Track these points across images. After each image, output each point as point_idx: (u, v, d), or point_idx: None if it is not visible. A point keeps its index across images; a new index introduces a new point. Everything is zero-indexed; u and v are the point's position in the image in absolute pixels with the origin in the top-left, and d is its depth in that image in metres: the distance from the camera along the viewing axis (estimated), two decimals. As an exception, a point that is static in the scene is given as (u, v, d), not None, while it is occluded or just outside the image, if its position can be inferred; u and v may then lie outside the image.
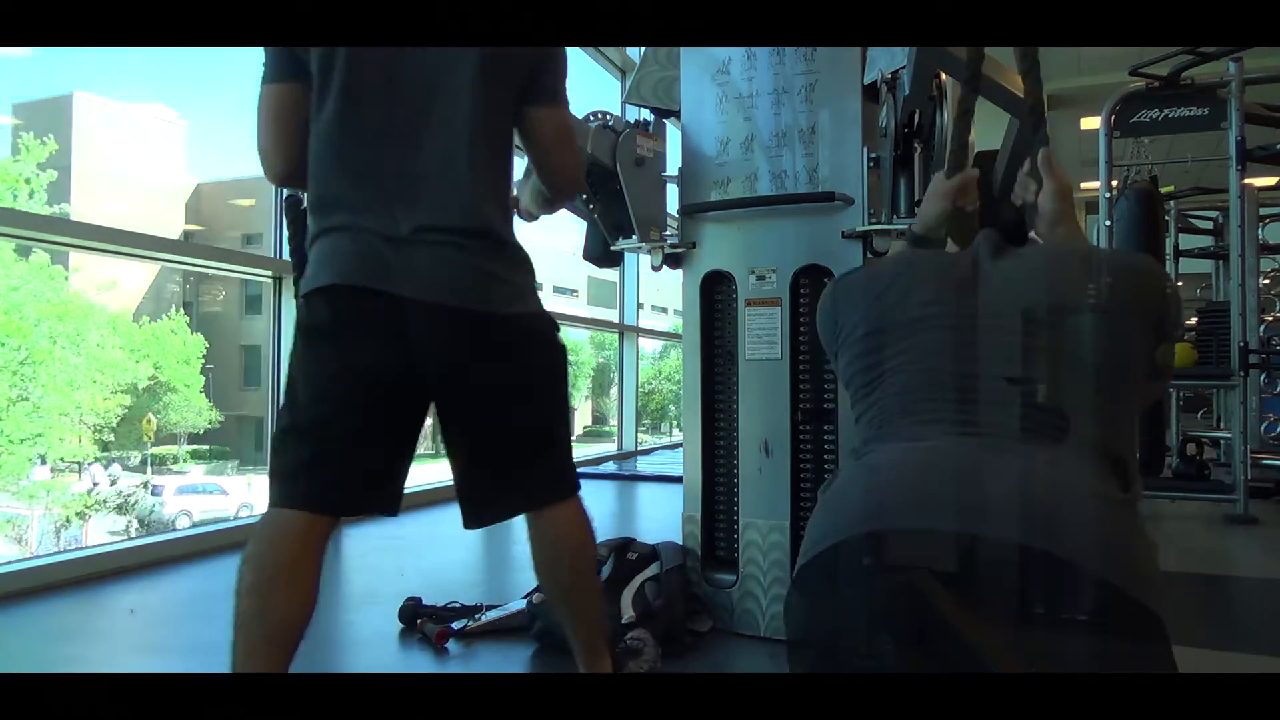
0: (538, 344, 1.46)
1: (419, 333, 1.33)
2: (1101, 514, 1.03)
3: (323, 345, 1.36)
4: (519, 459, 1.45)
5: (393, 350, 1.34)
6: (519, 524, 1.73)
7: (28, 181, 18.23)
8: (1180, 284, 6.13)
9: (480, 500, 1.48)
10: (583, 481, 1.69)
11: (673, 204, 2.31)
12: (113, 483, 19.02)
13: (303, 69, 1.35)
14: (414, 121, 1.35)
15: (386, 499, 1.41)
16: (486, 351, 1.37)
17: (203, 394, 22.55)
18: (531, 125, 1.46)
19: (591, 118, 2.20)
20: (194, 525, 3.46)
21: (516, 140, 1.49)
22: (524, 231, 1.66)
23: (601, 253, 2.37)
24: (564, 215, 2.46)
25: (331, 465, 1.34)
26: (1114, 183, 4.60)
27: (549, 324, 1.48)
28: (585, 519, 1.52)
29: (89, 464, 19.04)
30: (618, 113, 2.31)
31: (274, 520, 1.33)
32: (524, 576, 2.51)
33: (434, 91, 1.35)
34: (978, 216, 1.85)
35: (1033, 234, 1.47)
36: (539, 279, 1.57)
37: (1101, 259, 1.33)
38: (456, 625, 2.12)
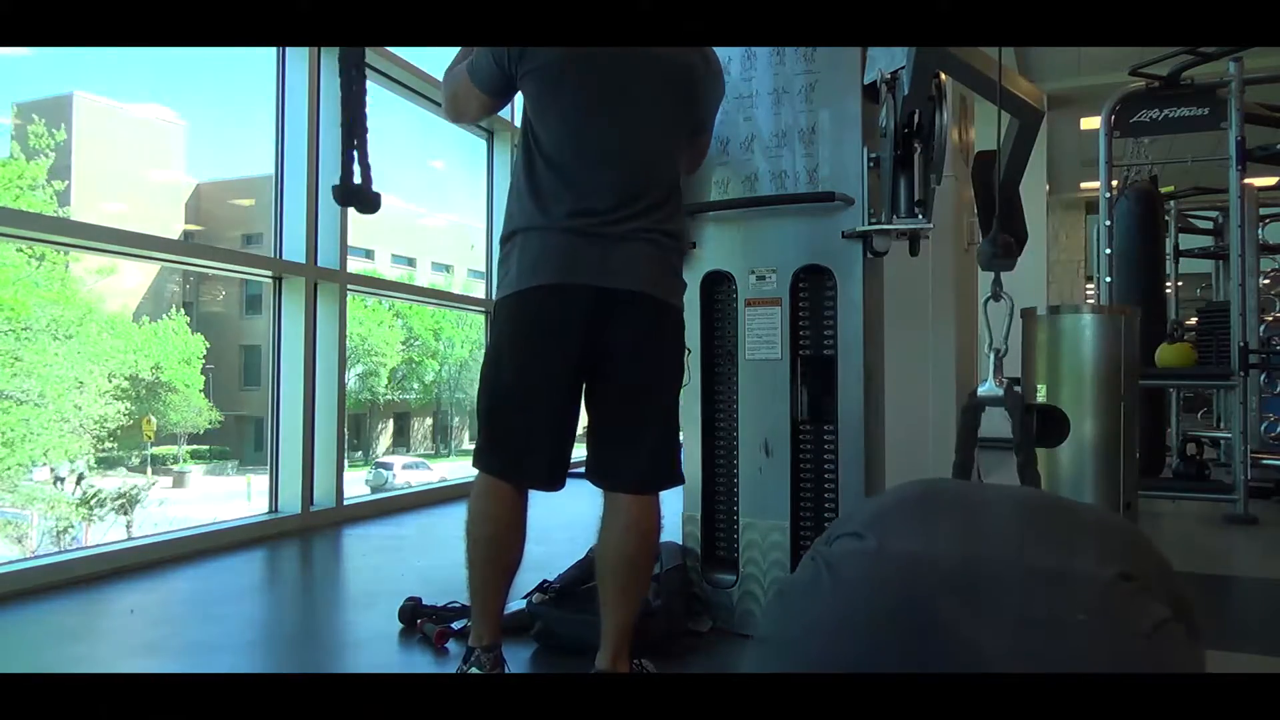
0: (681, 336, 1.79)
1: (615, 316, 1.62)
2: (1124, 654, 0.89)
3: (540, 336, 1.64)
4: (653, 433, 1.71)
5: (597, 337, 1.63)
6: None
7: (24, 174, 18.18)
8: (1180, 284, 6.13)
9: (623, 466, 1.71)
10: (584, 481, 1.71)
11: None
12: (80, 480, 18.84)
13: (511, 88, 1.72)
14: (631, 146, 1.66)
15: (564, 476, 1.72)
16: (656, 332, 1.69)
17: (203, 394, 22.54)
18: (692, 144, 1.91)
19: None
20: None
21: None
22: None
23: None
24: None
25: (544, 448, 1.68)
26: (1114, 183, 4.60)
27: (682, 319, 1.81)
28: (660, 514, 1.74)
29: (68, 465, 18.90)
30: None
31: (495, 488, 1.69)
32: (524, 576, 2.51)
33: (646, 122, 1.68)
34: (977, 220, 1.85)
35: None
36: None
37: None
38: (456, 625, 2.12)
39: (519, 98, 1.75)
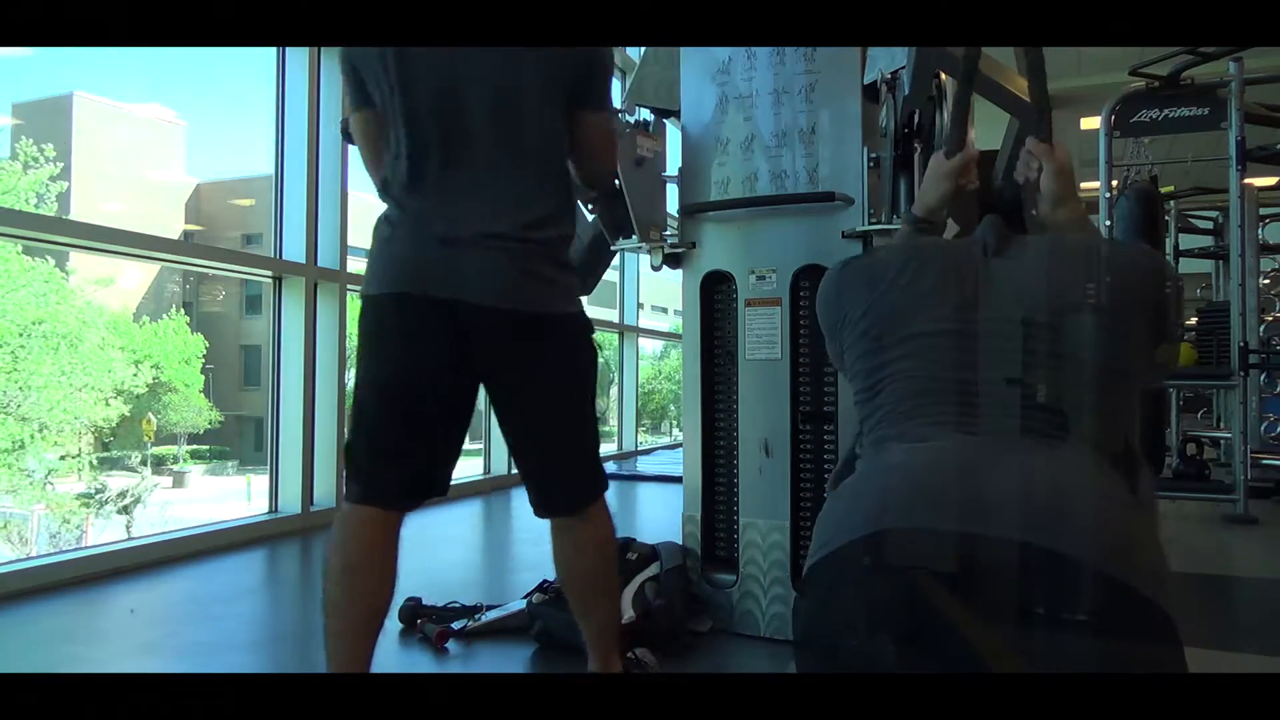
0: (574, 343, 1.54)
1: (473, 334, 1.44)
2: (1107, 512, 1.03)
3: (388, 349, 1.48)
4: (553, 458, 1.55)
5: (451, 352, 1.45)
6: (519, 525, 1.74)
7: (38, 194, 18.24)
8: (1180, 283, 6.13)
9: (535, 496, 1.58)
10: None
11: (673, 204, 2.31)
12: (47, 474, 18.67)
13: (369, 97, 1.49)
14: (472, 130, 1.43)
15: (441, 486, 1.54)
16: (529, 350, 1.48)
17: (202, 394, 22.56)
18: (577, 127, 1.52)
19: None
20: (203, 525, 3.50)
21: None
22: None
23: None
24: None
25: (402, 466, 1.48)
26: (1114, 183, 4.60)
27: (586, 325, 1.57)
28: (609, 518, 1.59)
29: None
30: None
31: (354, 515, 1.47)
32: (524, 576, 2.51)
33: (491, 99, 1.42)
34: (979, 210, 1.85)
35: (1036, 212, 1.46)
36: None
37: (1103, 253, 1.31)
38: (456, 625, 2.12)
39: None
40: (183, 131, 27.38)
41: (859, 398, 1.29)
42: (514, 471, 5.15)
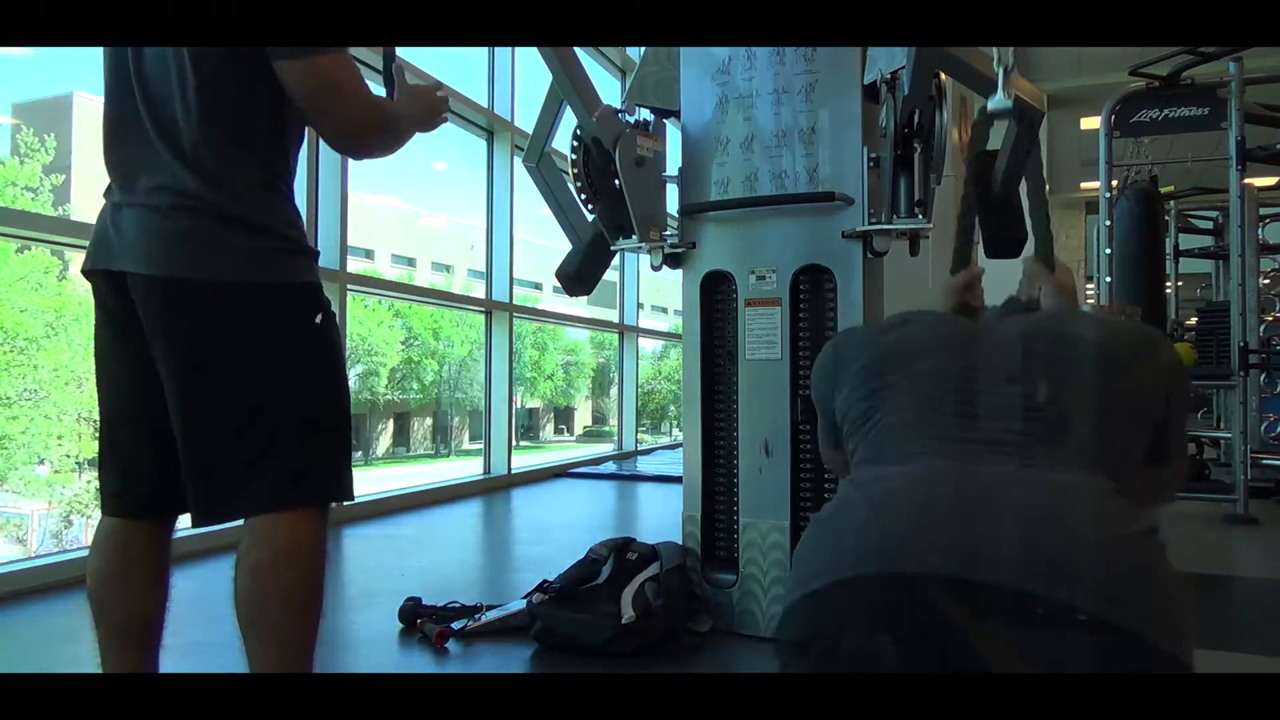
0: (253, 316, 1.28)
1: (141, 307, 1.27)
2: (1116, 549, 0.97)
3: (95, 335, 1.38)
4: (193, 444, 1.28)
5: (131, 331, 1.29)
6: (520, 524, 1.73)
7: (32, 190, 18.23)
8: (1180, 284, 6.14)
9: (192, 500, 1.31)
10: (583, 482, 1.67)
11: (673, 204, 2.31)
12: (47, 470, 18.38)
13: None
14: (149, 89, 1.28)
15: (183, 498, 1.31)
16: (188, 323, 1.26)
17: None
18: (283, 82, 1.25)
19: None
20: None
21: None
22: (523, 231, 1.65)
23: (574, 273, 2.34)
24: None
25: (122, 468, 1.36)
26: (1114, 183, 4.60)
27: (282, 297, 1.30)
28: (301, 538, 1.29)
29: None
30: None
31: (100, 528, 1.37)
32: (524, 576, 2.51)
33: (171, 57, 1.25)
34: (977, 219, 1.85)
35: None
36: (540, 279, 1.54)
37: (1108, 335, 1.25)
38: (456, 625, 2.12)
39: (517, 98, 1.64)
40: (183, 131, 27.34)
41: (851, 429, 1.25)
42: (514, 471, 5.16)
